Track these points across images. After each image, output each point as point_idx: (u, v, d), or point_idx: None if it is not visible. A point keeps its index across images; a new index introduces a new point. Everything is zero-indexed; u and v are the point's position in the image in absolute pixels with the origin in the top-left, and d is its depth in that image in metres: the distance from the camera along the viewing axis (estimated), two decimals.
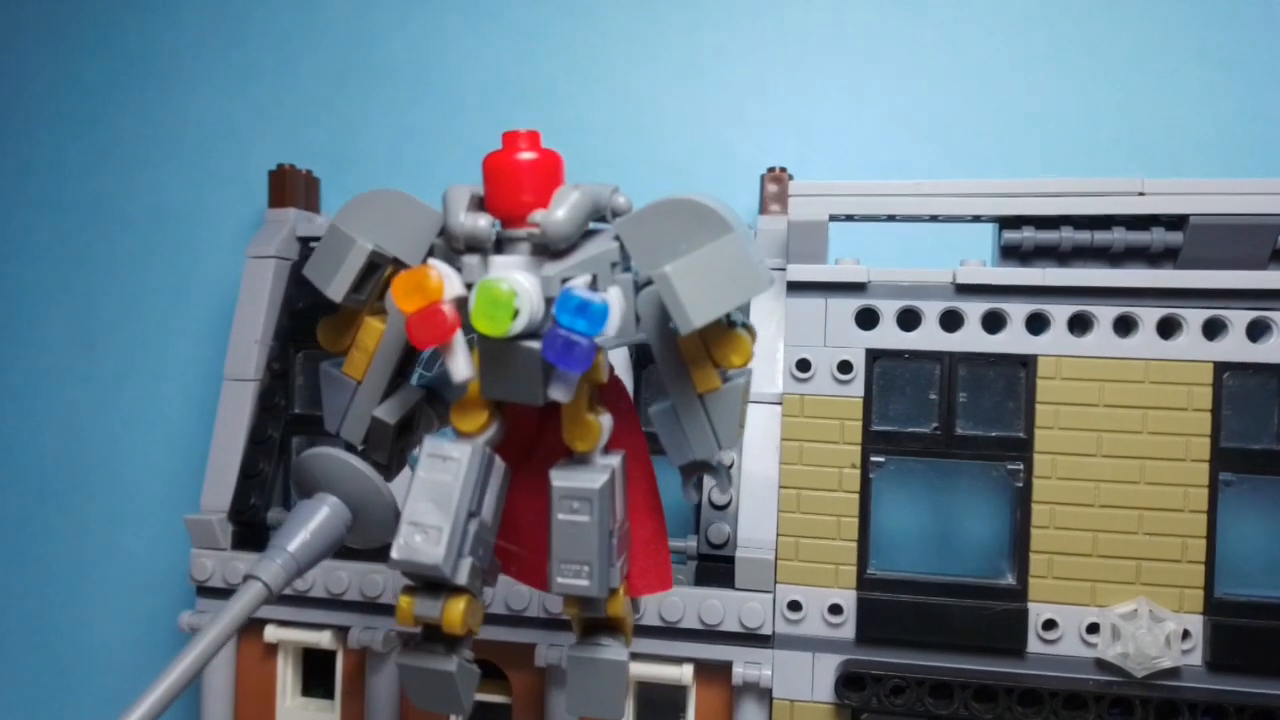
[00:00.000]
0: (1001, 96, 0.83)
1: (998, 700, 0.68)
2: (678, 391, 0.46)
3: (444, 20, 0.92)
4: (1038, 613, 0.69)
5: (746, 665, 0.71)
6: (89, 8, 0.96)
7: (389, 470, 0.50)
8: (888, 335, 0.71)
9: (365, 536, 0.48)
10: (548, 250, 0.45)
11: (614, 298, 0.43)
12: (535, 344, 0.44)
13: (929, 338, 0.71)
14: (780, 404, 0.72)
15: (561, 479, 0.46)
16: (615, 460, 0.48)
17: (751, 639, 0.72)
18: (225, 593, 0.79)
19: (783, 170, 0.80)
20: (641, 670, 0.73)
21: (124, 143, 0.95)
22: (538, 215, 0.44)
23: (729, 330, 0.45)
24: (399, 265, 0.48)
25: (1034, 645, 0.69)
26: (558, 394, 0.45)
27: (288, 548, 0.46)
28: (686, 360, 0.46)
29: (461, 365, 0.45)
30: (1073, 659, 0.68)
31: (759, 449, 0.73)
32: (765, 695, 0.72)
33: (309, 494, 0.48)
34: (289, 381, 0.82)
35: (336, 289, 0.46)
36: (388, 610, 0.76)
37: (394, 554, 0.44)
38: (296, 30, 0.94)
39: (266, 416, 0.82)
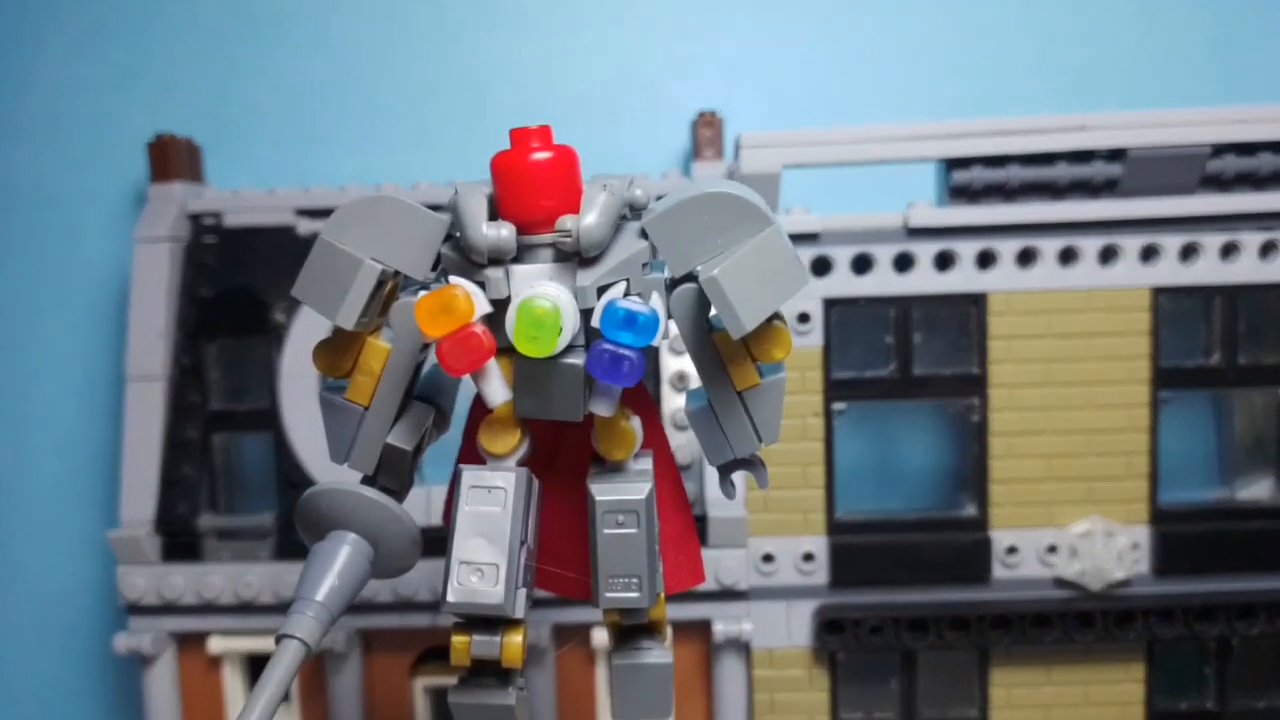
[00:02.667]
0: (927, 35, 0.83)
1: (970, 627, 0.71)
2: (716, 390, 0.44)
3: None
4: (1000, 540, 0.72)
5: (726, 621, 0.71)
6: None
7: (400, 495, 0.46)
8: (842, 282, 0.71)
9: (386, 567, 0.45)
10: (571, 256, 0.42)
11: (657, 305, 0.41)
12: (577, 360, 0.41)
13: (883, 282, 0.71)
14: None
15: (604, 492, 0.43)
16: (648, 464, 0.46)
17: (727, 595, 0.72)
18: (159, 610, 0.73)
19: (714, 114, 0.78)
20: None
21: None
22: (568, 222, 0.40)
23: (768, 325, 0.43)
24: (398, 279, 0.44)
25: (998, 571, 0.72)
26: (600, 408, 0.42)
27: (315, 597, 0.42)
28: (725, 359, 0.44)
29: (497, 388, 0.41)
30: (1034, 579, 0.72)
31: None
32: (744, 647, 0.73)
33: (320, 534, 0.44)
34: (202, 376, 0.76)
35: (347, 316, 0.41)
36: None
37: (451, 597, 0.41)
38: None
39: (182, 416, 0.75)
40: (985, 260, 0.71)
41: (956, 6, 0.83)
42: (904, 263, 0.71)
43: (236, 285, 0.76)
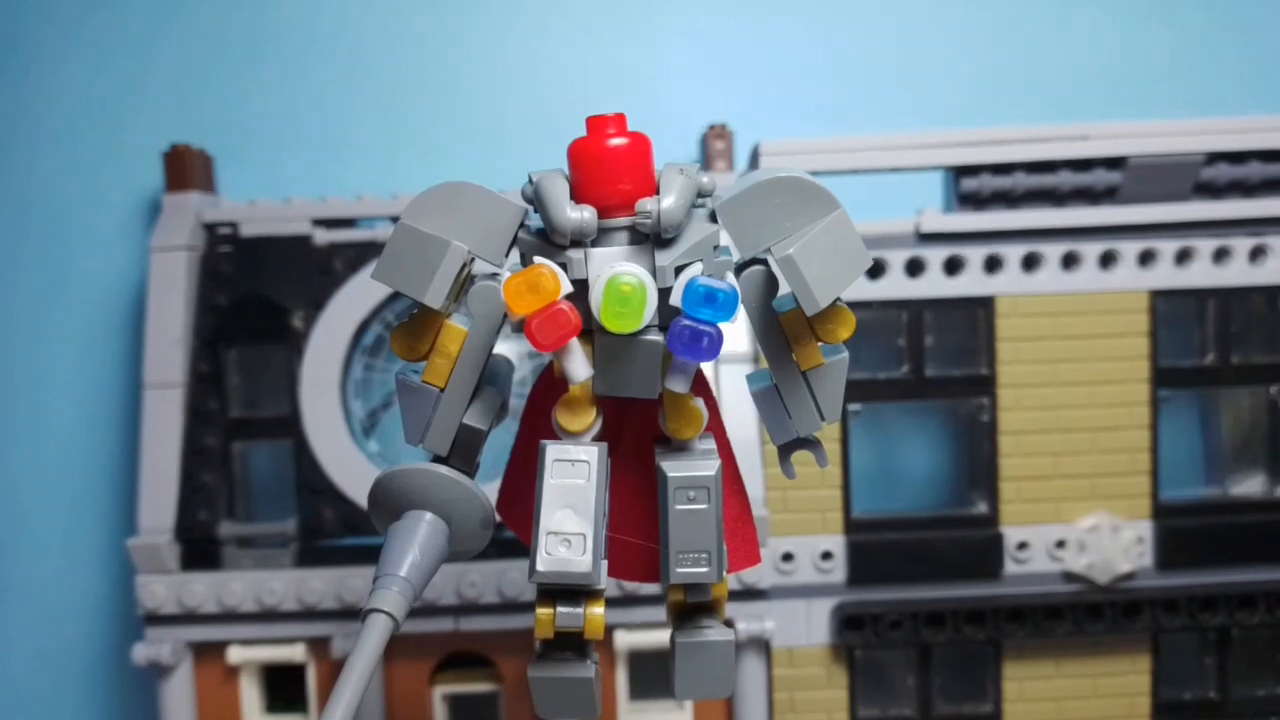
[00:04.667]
0: (926, 49, 0.86)
1: (985, 621, 0.73)
2: (781, 371, 0.46)
3: None
4: (1011, 536, 0.74)
5: (748, 620, 0.73)
6: None
7: (470, 477, 0.47)
8: (856, 287, 0.72)
9: (459, 547, 0.46)
10: (646, 239, 0.43)
11: (734, 283, 0.43)
12: (658, 338, 0.43)
13: (895, 286, 0.73)
14: (756, 362, 0.73)
15: (675, 469, 0.45)
16: (712, 443, 0.47)
17: (749, 594, 0.73)
18: (178, 619, 0.73)
19: (724, 127, 0.80)
20: (635, 640, 0.73)
21: None
22: (648, 204, 0.42)
23: (833, 305, 0.45)
24: (473, 264, 0.45)
25: (1010, 566, 0.74)
26: (676, 385, 0.44)
27: (398, 573, 0.42)
28: (790, 339, 0.45)
29: (580, 365, 0.43)
30: (1044, 574, 0.74)
31: (738, 408, 0.73)
32: (764, 646, 0.74)
33: (395, 515, 0.45)
34: (222, 384, 0.76)
35: (435, 295, 0.42)
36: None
37: (540, 567, 0.41)
38: None
39: (201, 423, 0.75)
40: (992, 265, 0.73)
41: (955, 22, 0.86)
42: (915, 267, 0.73)
43: (254, 293, 0.76)
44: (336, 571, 0.72)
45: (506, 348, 0.49)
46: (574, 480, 0.42)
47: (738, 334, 0.74)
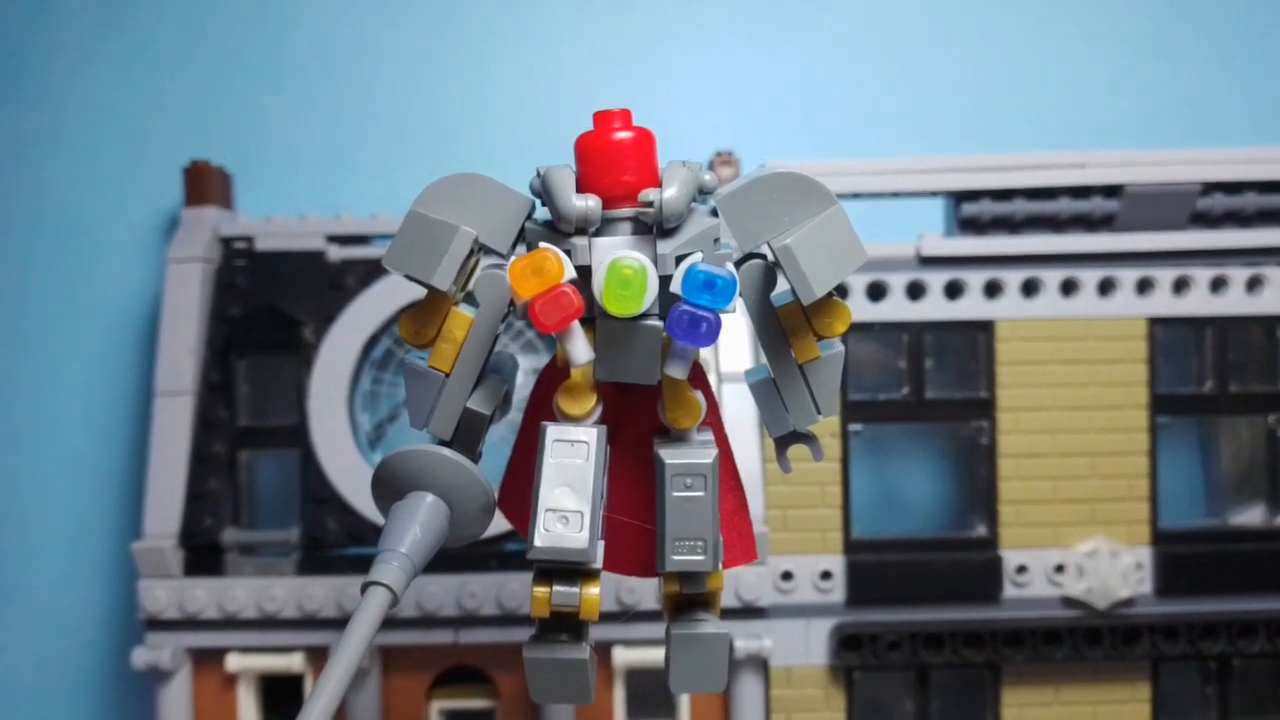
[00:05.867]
0: (923, 76, 0.89)
1: (984, 644, 0.73)
2: (778, 363, 0.47)
3: None
4: (1010, 559, 0.74)
5: (746, 638, 0.73)
6: None
7: (473, 462, 0.48)
8: (857, 308, 0.74)
9: (459, 531, 0.46)
10: (648, 229, 0.45)
11: (733, 272, 0.44)
12: (658, 322, 0.44)
13: (896, 308, 0.75)
14: None
15: (672, 457, 0.45)
16: (710, 435, 0.48)
17: (746, 612, 0.73)
18: (178, 624, 0.73)
19: (731, 154, 0.82)
20: (633, 656, 0.74)
21: None
22: (651, 194, 0.43)
23: (829, 299, 0.46)
24: (480, 254, 0.47)
25: (1009, 590, 0.74)
26: (675, 371, 0.44)
27: (399, 549, 0.43)
28: (787, 332, 0.46)
29: (582, 348, 0.44)
30: (1042, 599, 0.74)
31: (740, 427, 0.74)
32: (762, 665, 0.74)
33: (398, 496, 0.46)
34: (231, 393, 0.77)
35: (443, 277, 0.44)
36: None
37: (538, 542, 0.42)
38: (188, 13, 0.87)
39: (209, 432, 0.76)
40: (992, 289, 0.75)
41: (959, 55, 0.89)
42: (915, 291, 0.75)
43: (267, 305, 0.78)
44: (338, 580, 0.73)
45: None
46: (573, 460, 0.43)
47: (740, 351, 0.75)
